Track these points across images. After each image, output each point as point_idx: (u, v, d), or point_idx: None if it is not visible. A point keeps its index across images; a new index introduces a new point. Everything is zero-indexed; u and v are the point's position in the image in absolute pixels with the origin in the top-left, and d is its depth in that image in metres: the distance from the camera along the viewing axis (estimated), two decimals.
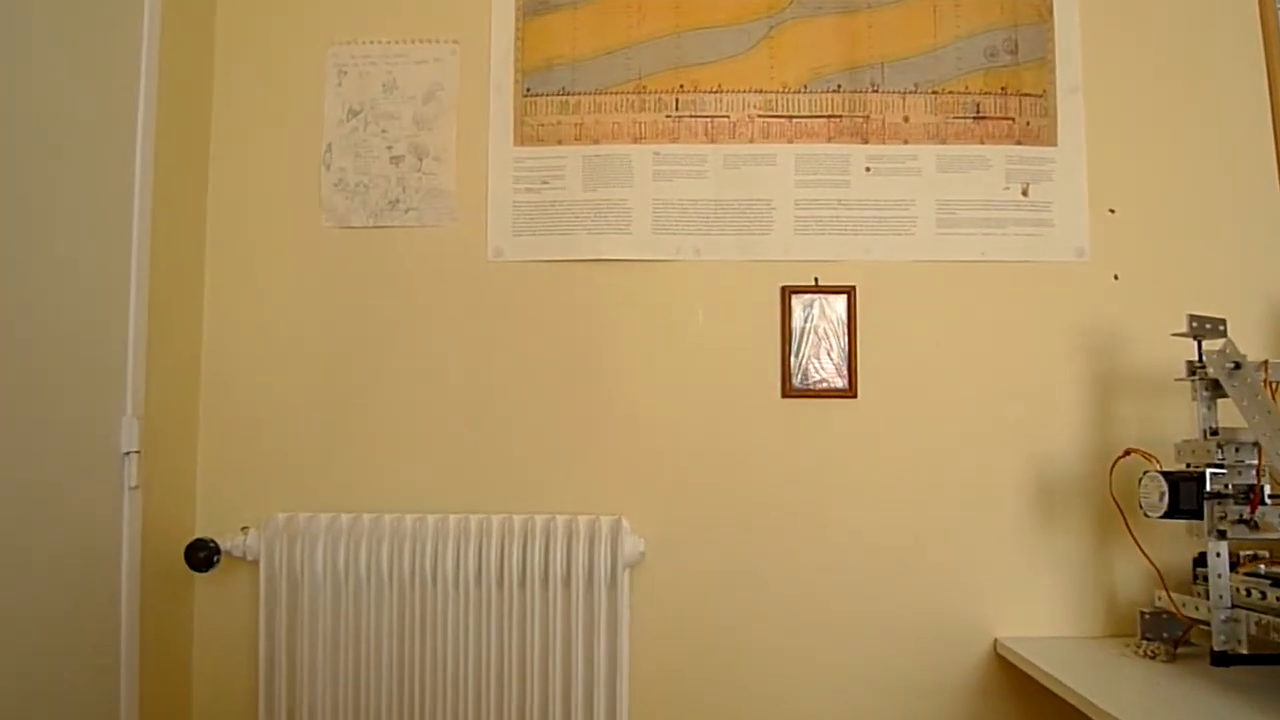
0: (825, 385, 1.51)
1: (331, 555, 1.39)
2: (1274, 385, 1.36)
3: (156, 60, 1.36)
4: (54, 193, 1.15)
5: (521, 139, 1.53)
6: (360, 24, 1.57)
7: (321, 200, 1.54)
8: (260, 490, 1.48)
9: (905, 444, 1.50)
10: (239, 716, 1.46)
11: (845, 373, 1.50)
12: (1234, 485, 1.23)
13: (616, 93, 1.53)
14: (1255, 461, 1.21)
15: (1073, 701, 1.19)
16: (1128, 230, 1.53)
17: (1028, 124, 1.53)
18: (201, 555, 1.38)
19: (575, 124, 1.53)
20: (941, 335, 1.52)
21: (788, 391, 1.50)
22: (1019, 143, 1.53)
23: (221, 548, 1.40)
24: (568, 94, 1.53)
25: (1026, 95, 1.53)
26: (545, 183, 1.52)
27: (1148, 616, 1.34)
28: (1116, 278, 1.52)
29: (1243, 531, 1.22)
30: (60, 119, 1.17)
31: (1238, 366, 1.22)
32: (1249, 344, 1.46)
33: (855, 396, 1.50)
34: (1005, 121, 1.53)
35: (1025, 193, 1.52)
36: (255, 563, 1.41)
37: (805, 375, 1.51)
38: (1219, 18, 1.57)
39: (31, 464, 1.11)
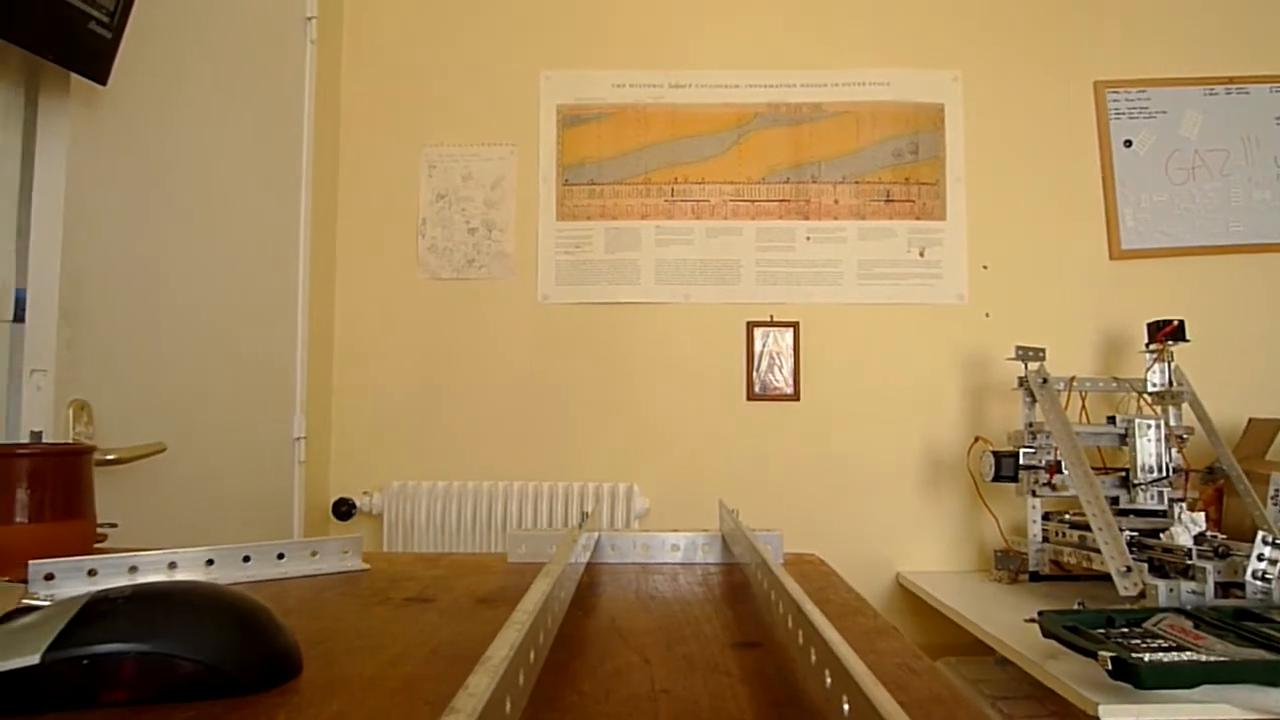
0: (778, 391, 2.10)
1: (431, 510, 1.99)
2: (1084, 393, 1.97)
3: (311, 163, 1.95)
4: (257, 267, 1.76)
5: (562, 216, 2.12)
6: (445, 132, 2.15)
7: (418, 259, 2.13)
8: (379, 464, 2.07)
9: (835, 433, 2.08)
10: None
11: (792, 383, 2.09)
12: (1045, 461, 1.83)
13: (629, 184, 2.12)
14: (1055, 445, 1.80)
15: (948, 614, 1.74)
16: (996, 281, 2.11)
17: (924, 204, 2.12)
18: (344, 509, 1.99)
19: (600, 205, 2.12)
20: (862, 357, 2.10)
21: (751, 396, 2.09)
22: (918, 218, 2.11)
23: (356, 504, 2.01)
24: (595, 184, 2.12)
25: (924, 183, 2.12)
26: (578, 247, 2.12)
27: (998, 554, 1.93)
28: (987, 315, 2.10)
29: (1048, 492, 1.81)
30: (256, 209, 1.78)
31: (1045, 381, 1.81)
32: (1079, 363, 2.04)
33: (799, 400, 2.09)
34: (908, 203, 2.11)
35: (922, 254, 2.11)
36: (379, 516, 2.01)
37: (764, 384, 2.10)
38: (1066, 124, 2.13)
39: (247, 444, 1.71)
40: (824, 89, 2.12)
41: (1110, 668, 1.11)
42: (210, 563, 0.59)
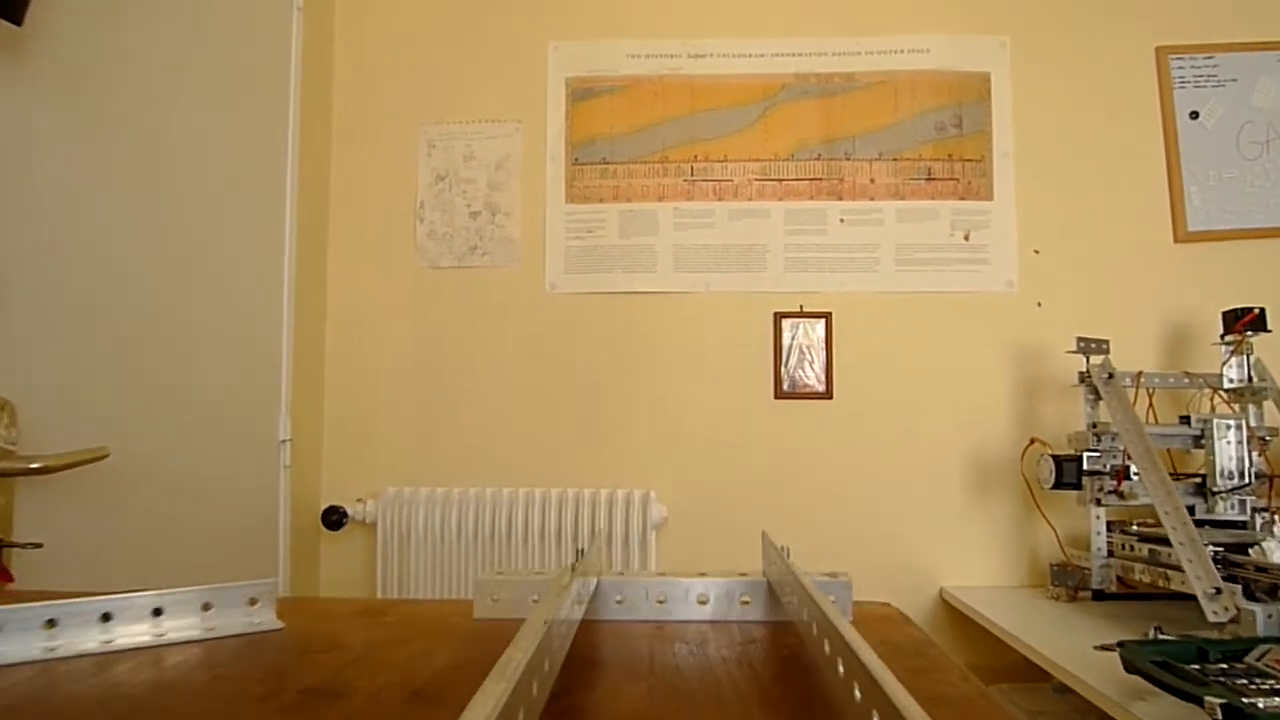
0: (808, 389, 1.91)
1: (430, 520, 1.83)
2: (1150, 390, 1.77)
3: (298, 143, 1.79)
4: (234, 253, 1.60)
5: (571, 198, 1.95)
6: (445, 108, 1.99)
7: (417, 246, 1.97)
8: (374, 469, 1.92)
9: (871, 435, 1.90)
10: None
11: (824, 380, 1.91)
12: (1110, 465, 1.63)
13: (645, 162, 1.94)
14: (1123, 448, 1.60)
15: (997, 634, 1.57)
16: (1048, 267, 1.92)
17: (969, 183, 1.93)
18: (334, 518, 1.83)
19: (613, 186, 1.95)
20: (900, 350, 1.92)
21: (779, 394, 1.91)
22: (962, 198, 1.92)
23: (348, 513, 1.85)
24: (607, 163, 1.95)
25: (968, 160, 1.93)
26: (590, 232, 1.94)
27: (1055, 568, 1.74)
28: (1039, 305, 1.91)
29: (1114, 500, 1.62)
30: (237, 194, 1.62)
31: (1110, 377, 1.62)
32: (1143, 357, 1.85)
33: (832, 398, 1.91)
34: (951, 181, 1.93)
35: (967, 238, 1.92)
36: (372, 525, 1.85)
37: (793, 381, 1.92)
38: (1125, 94, 1.94)
39: (226, 447, 1.56)
40: (858, 57, 1.93)
41: (1220, 716, 0.92)
42: (53, 623, 0.42)
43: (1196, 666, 1.12)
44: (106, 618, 0.43)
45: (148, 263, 1.30)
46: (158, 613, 0.44)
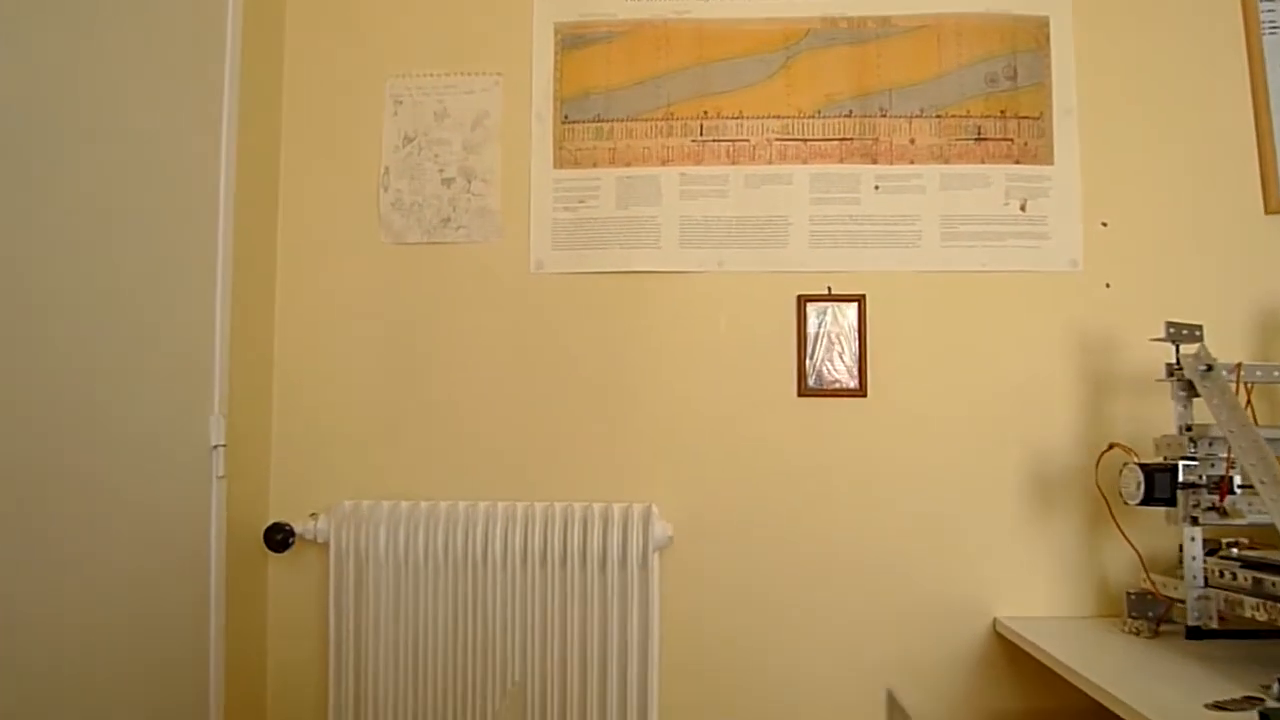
0: (838, 385, 1.64)
1: (393, 538, 1.55)
2: (1249, 386, 1.50)
3: (237, 94, 1.52)
4: (156, 221, 1.32)
5: (560, 162, 1.68)
6: (414, 58, 1.72)
7: (380, 218, 1.70)
8: (328, 480, 1.65)
9: (912, 439, 1.63)
10: (310, 680, 1.63)
11: (856, 374, 1.64)
12: (1207, 476, 1.36)
13: (646, 119, 1.67)
14: (1225, 455, 1.33)
15: (1062, 674, 1.31)
16: (1118, 242, 1.65)
17: (1026, 144, 1.66)
18: (279, 537, 1.55)
19: (609, 148, 1.68)
20: (946, 340, 1.65)
21: (803, 391, 1.64)
22: (1017, 162, 1.65)
23: (296, 531, 1.57)
24: (602, 121, 1.68)
25: (1024, 118, 1.66)
26: (582, 202, 1.67)
27: (1133, 597, 1.46)
28: (1108, 286, 1.64)
29: (1213, 518, 1.35)
30: (158, 155, 1.34)
31: (1209, 369, 1.35)
32: (1231, 348, 1.57)
33: (865, 396, 1.64)
34: (1005, 142, 1.66)
35: (1023, 208, 1.65)
36: (325, 545, 1.58)
37: (819, 376, 1.64)
38: (1206, 42, 1.68)
39: (136, 455, 1.28)
40: None
41: None
42: None
43: None
44: None
45: (32, 234, 1.02)
46: None
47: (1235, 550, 1.38)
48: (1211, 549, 1.38)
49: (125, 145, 1.24)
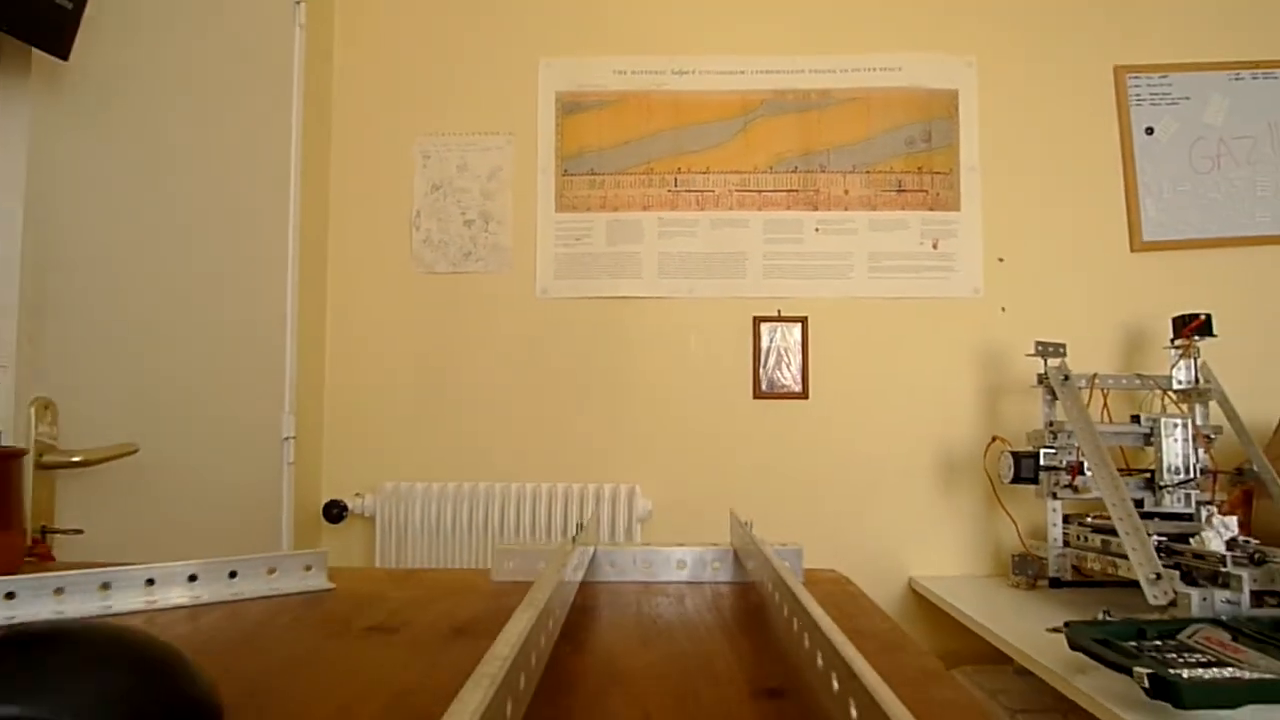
0: (786, 390, 2.02)
1: (427, 512, 1.92)
2: (1105, 391, 1.89)
3: (300, 154, 1.88)
4: (245, 260, 1.68)
5: (561, 207, 2.05)
6: (440, 121, 2.08)
7: (413, 252, 2.06)
8: (371, 465, 2.00)
9: (845, 433, 2.01)
10: None
11: (800, 381, 2.01)
12: (1066, 461, 1.75)
13: (631, 173, 2.04)
14: (1077, 445, 1.72)
15: (963, 621, 1.67)
16: (1012, 274, 2.02)
17: (938, 194, 2.04)
18: (335, 512, 1.92)
19: (601, 196, 2.04)
20: (873, 353, 2.02)
21: (758, 394, 2.01)
22: (931, 209, 2.03)
23: (348, 507, 1.94)
24: (595, 174, 2.04)
25: (937, 173, 2.04)
26: (578, 240, 2.04)
27: (1015, 558, 1.85)
28: (1003, 310, 2.02)
29: (1069, 494, 1.73)
30: (248, 216, 1.70)
31: (1066, 379, 1.73)
32: (1098, 359, 1.96)
33: (808, 398, 2.01)
34: (921, 193, 2.03)
35: (935, 246, 2.03)
36: (371, 518, 1.94)
37: (771, 382, 2.02)
38: (1085, 111, 2.05)
39: (230, 445, 1.64)
40: (833, 75, 2.04)
41: (1147, 685, 1.03)
42: (151, 583, 0.52)
43: (1133, 644, 1.23)
44: (193, 578, 0.52)
45: (168, 273, 1.38)
46: (233, 575, 0.53)
47: (1091, 519, 1.77)
48: (1082, 521, 1.75)
49: (221, 200, 1.61)
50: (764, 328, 2.01)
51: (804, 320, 2.01)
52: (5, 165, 1.04)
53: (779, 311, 2.01)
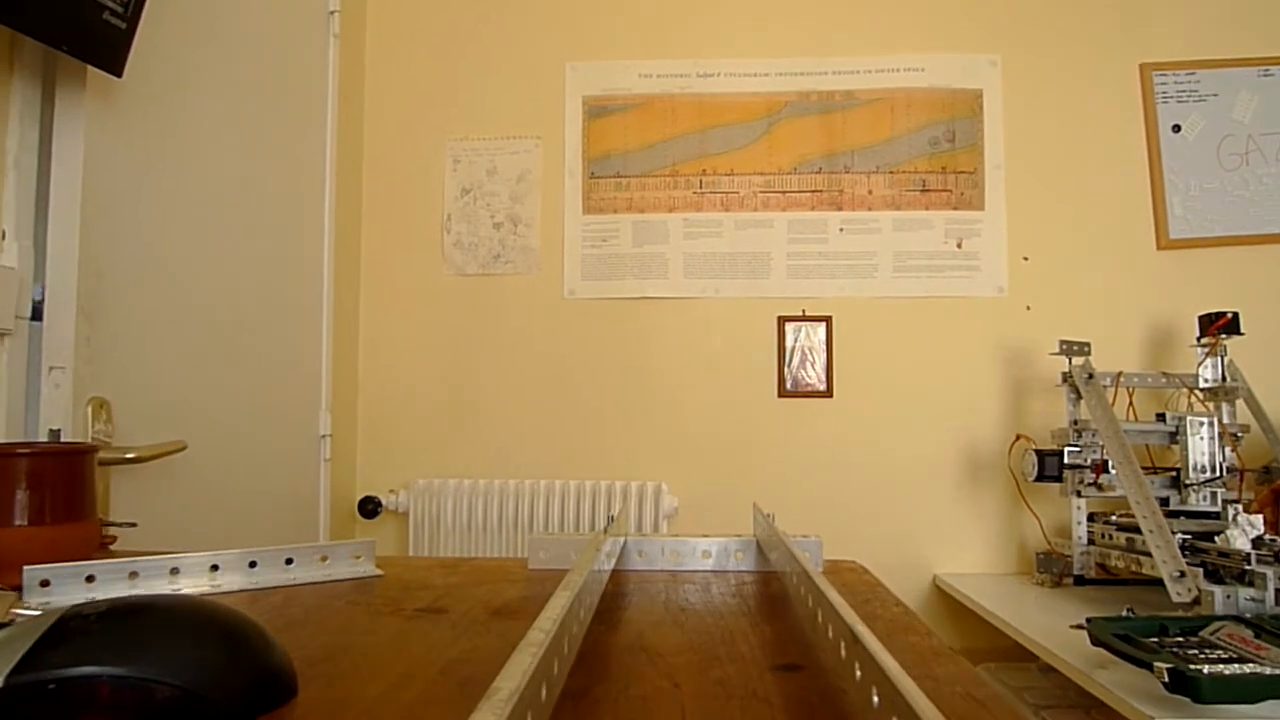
0: (810, 388, 2.04)
1: (458, 509, 1.96)
2: (1130, 389, 1.89)
3: (335, 162, 1.93)
4: (282, 263, 1.74)
5: (588, 209, 2.08)
6: (469, 126, 2.12)
7: (444, 255, 2.11)
8: (404, 462, 2.05)
9: (869, 431, 2.02)
10: None
11: (825, 379, 2.04)
12: (1090, 459, 1.75)
13: (656, 175, 2.07)
14: (1101, 443, 1.72)
15: (987, 619, 1.68)
16: (1037, 273, 2.03)
17: (962, 194, 2.05)
18: (370, 507, 1.97)
19: (627, 198, 2.08)
20: (897, 352, 2.04)
21: (782, 393, 2.04)
22: (955, 208, 2.04)
23: (382, 502, 1.99)
24: (621, 176, 2.08)
25: (961, 172, 2.05)
26: (605, 241, 2.08)
27: (1040, 556, 1.86)
28: (1028, 309, 2.03)
29: (1093, 492, 1.74)
30: (286, 221, 1.76)
31: (1091, 377, 1.74)
32: (1124, 358, 1.96)
33: (832, 397, 2.03)
34: (945, 193, 2.05)
35: (959, 246, 2.04)
36: (404, 514, 1.99)
37: (795, 381, 2.04)
38: (1111, 108, 2.05)
39: (277, 442, 1.70)
40: (857, 76, 2.06)
41: (1167, 680, 1.05)
42: (215, 568, 0.56)
43: (1155, 640, 1.24)
44: (253, 564, 0.56)
45: (214, 276, 1.44)
46: (289, 561, 0.58)
47: (1116, 517, 1.78)
48: (1107, 520, 1.76)
49: (260, 198, 1.66)
50: (789, 327, 2.03)
51: (828, 319, 2.03)
52: (63, 176, 1.09)
53: (803, 311, 2.03)
